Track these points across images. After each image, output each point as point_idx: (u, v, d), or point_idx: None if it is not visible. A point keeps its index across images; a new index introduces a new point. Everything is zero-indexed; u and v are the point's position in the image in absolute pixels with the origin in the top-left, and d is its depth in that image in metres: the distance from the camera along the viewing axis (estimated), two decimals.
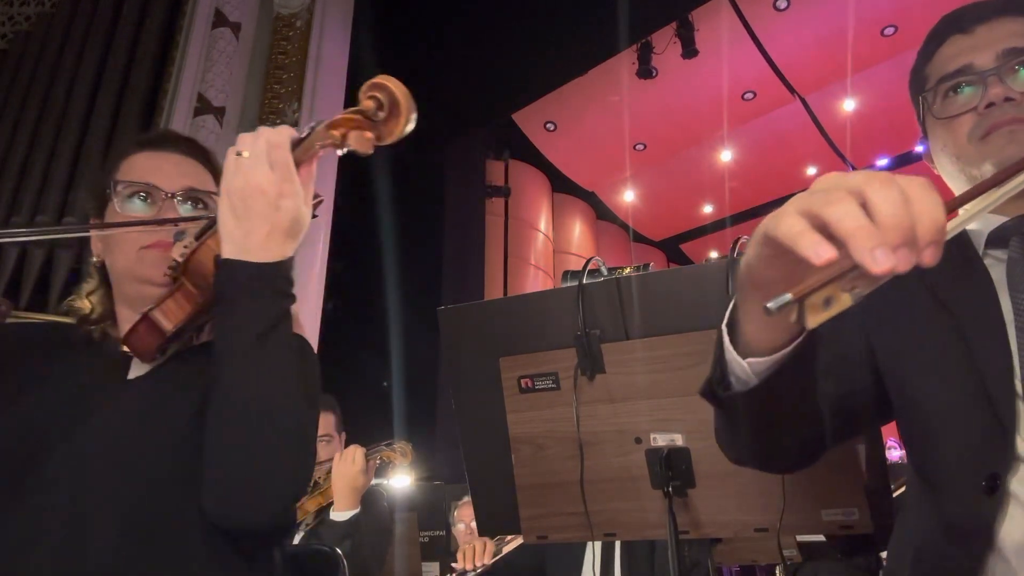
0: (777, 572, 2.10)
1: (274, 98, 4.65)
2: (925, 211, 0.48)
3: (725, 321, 0.69)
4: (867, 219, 0.48)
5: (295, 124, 4.55)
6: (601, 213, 9.25)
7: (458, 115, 6.74)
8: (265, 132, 0.85)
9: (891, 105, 6.74)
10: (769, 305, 0.49)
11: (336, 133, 0.83)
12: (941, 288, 0.86)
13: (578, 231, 8.85)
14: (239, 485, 0.79)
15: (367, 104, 0.81)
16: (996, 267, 0.85)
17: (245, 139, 0.85)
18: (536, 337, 1.16)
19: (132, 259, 0.96)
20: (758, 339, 0.66)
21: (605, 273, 1.15)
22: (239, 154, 0.84)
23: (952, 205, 0.56)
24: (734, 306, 0.68)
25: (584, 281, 1.13)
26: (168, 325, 0.88)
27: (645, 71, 6.74)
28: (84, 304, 1.03)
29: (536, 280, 7.87)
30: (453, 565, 2.84)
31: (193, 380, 0.92)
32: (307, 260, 4.43)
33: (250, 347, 0.80)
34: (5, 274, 3.89)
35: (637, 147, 8.02)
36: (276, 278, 0.83)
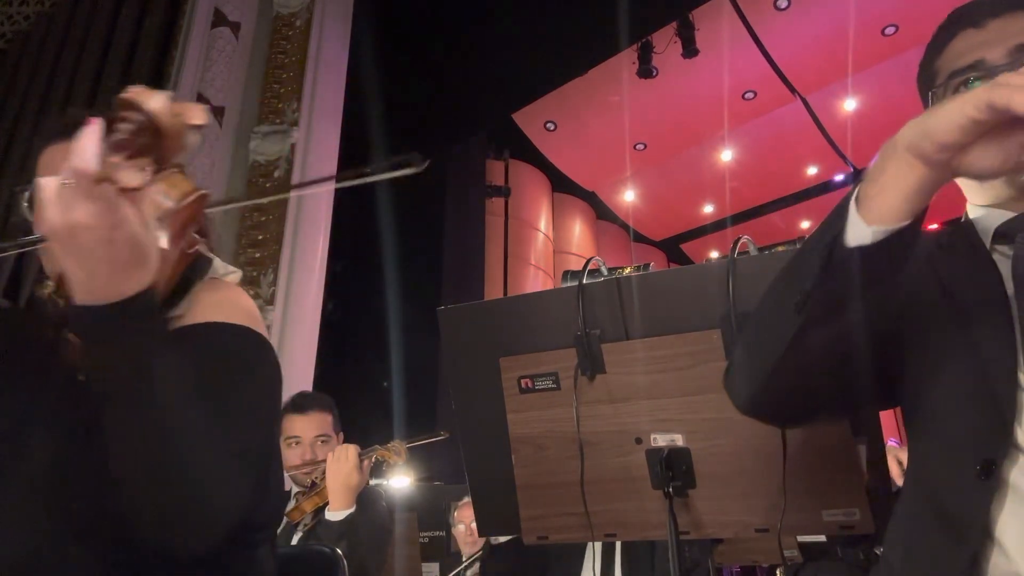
0: (778, 573, 2.10)
1: (274, 98, 4.64)
2: None
3: (855, 196, 0.74)
4: None
5: (295, 123, 4.55)
6: (601, 213, 9.25)
7: (458, 115, 6.75)
8: (73, 156, 0.69)
9: (892, 104, 6.75)
10: None
11: (114, 159, 0.69)
12: (949, 278, 0.87)
13: (578, 231, 8.86)
14: (145, 523, 0.75)
15: (123, 128, 0.70)
16: (1003, 262, 0.85)
17: (65, 171, 0.71)
18: (536, 337, 1.16)
19: None
20: (892, 211, 0.71)
21: (605, 273, 1.15)
22: (64, 183, 0.70)
23: None
24: (862, 185, 0.74)
25: (584, 281, 1.13)
26: None
27: (645, 71, 6.74)
28: (48, 300, 1.01)
29: (536, 280, 7.87)
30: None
31: None
32: (307, 260, 4.43)
33: (120, 391, 0.74)
34: (5, 274, 3.89)
35: (637, 147, 8.02)
36: (132, 315, 0.73)
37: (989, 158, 0.67)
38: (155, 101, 0.71)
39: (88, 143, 0.69)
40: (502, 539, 2.72)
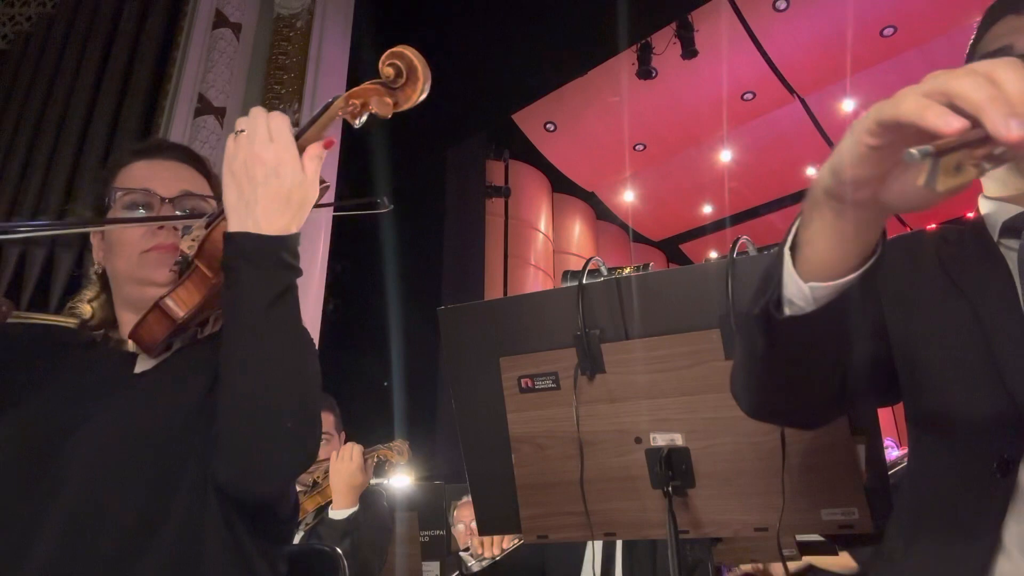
0: None
1: (275, 98, 4.65)
2: None
3: (788, 244, 0.67)
4: (998, 90, 0.48)
5: (295, 124, 4.56)
6: (601, 213, 9.25)
7: (458, 116, 6.74)
8: (262, 111, 0.90)
9: None
10: (913, 151, 0.48)
11: (356, 102, 0.90)
12: (958, 273, 0.86)
13: (578, 231, 8.86)
14: (246, 453, 0.81)
15: (387, 71, 0.89)
16: (1010, 256, 0.85)
17: (241, 121, 0.91)
18: (536, 337, 1.17)
19: (134, 262, 0.99)
20: (827, 260, 0.64)
21: (605, 273, 1.15)
22: (238, 133, 0.89)
23: None
24: (798, 228, 0.66)
25: (584, 281, 1.13)
26: (179, 311, 0.90)
27: (645, 72, 6.74)
28: (85, 309, 1.05)
29: (536, 280, 7.87)
30: (463, 554, 2.85)
31: (200, 367, 0.94)
32: (307, 260, 4.43)
33: (257, 317, 0.81)
34: (6, 274, 3.89)
35: (637, 147, 8.02)
36: (280, 250, 0.84)
37: (910, 184, 0.56)
38: (416, 53, 0.87)
39: (258, 114, 0.89)
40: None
